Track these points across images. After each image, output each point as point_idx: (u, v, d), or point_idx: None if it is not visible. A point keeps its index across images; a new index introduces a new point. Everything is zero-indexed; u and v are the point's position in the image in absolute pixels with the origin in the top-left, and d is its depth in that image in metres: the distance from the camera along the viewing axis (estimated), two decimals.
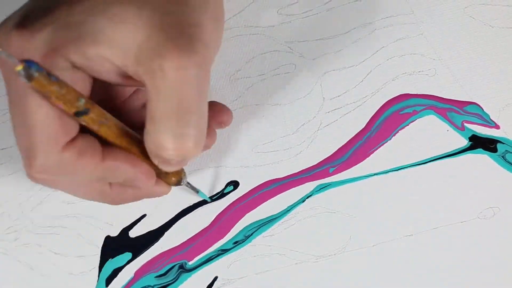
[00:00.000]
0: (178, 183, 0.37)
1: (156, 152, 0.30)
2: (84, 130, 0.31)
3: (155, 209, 0.42)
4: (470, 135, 0.42)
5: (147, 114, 0.29)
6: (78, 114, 0.29)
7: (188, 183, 0.39)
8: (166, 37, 0.28)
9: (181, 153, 0.30)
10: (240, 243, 0.42)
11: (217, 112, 0.37)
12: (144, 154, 0.32)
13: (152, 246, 0.42)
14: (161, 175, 0.35)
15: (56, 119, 0.29)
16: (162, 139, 0.29)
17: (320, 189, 0.42)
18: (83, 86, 0.30)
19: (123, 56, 0.28)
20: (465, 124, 0.42)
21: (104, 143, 0.32)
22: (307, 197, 0.42)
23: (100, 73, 0.29)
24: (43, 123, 0.29)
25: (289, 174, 0.42)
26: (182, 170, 0.37)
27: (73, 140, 0.30)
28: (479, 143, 0.42)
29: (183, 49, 0.28)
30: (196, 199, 0.42)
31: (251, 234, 0.42)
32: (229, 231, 0.42)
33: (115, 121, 0.31)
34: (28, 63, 0.26)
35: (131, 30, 0.28)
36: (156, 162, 0.32)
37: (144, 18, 0.28)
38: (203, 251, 0.42)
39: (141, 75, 0.28)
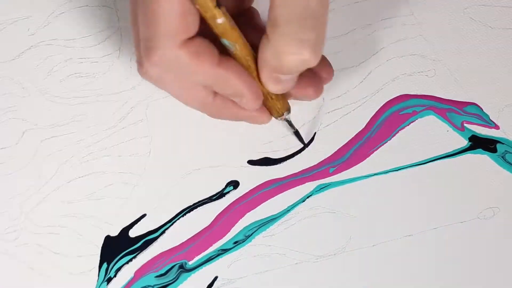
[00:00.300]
0: (280, 114, 0.37)
1: (275, 59, 0.31)
2: (204, 36, 0.31)
3: (155, 209, 0.42)
4: (470, 135, 0.42)
5: (268, 20, 0.30)
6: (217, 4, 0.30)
7: (288, 119, 0.39)
8: None
9: (301, 59, 0.30)
10: (240, 243, 0.42)
11: (323, 66, 0.38)
12: (258, 75, 0.33)
13: (152, 246, 0.42)
14: (267, 102, 0.36)
15: (179, 14, 0.30)
16: (284, 42, 0.30)
17: (320, 189, 0.42)
18: None
19: None
20: (465, 125, 0.42)
21: (223, 53, 0.32)
22: (307, 197, 0.42)
23: None
24: (168, 16, 0.29)
25: (289, 174, 0.42)
26: (288, 104, 0.37)
27: (191, 38, 0.31)
28: (479, 143, 0.42)
29: None
30: (196, 198, 0.42)
31: (251, 234, 0.42)
32: (229, 231, 0.42)
33: (239, 32, 0.32)
34: None
35: None
36: (268, 76, 0.32)
37: None
38: (203, 251, 0.42)
39: None
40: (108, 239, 0.41)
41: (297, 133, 0.41)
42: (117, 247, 0.41)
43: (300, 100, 0.39)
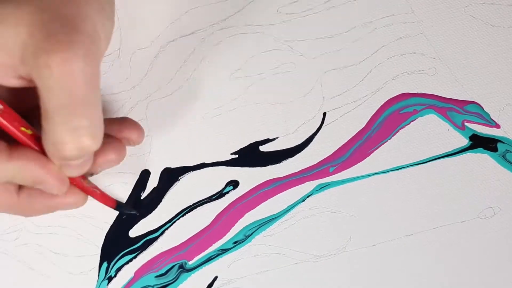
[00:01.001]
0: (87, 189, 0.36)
1: (55, 150, 0.30)
2: None
3: (155, 209, 0.42)
4: (470, 134, 0.42)
5: (41, 113, 0.29)
6: None
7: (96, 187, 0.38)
8: (47, 33, 0.27)
9: (79, 147, 0.29)
10: (240, 243, 0.42)
11: (127, 128, 0.37)
12: None
13: (152, 246, 0.42)
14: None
15: None
16: (58, 133, 0.29)
17: (320, 188, 0.42)
18: None
19: (10, 56, 0.28)
20: (466, 124, 0.42)
21: (13, 143, 0.31)
22: (307, 197, 0.42)
23: None
24: None
25: (289, 173, 0.42)
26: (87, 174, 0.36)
27: None
28: (479, 142, 0.42)
29: (65, 43, 0.27)
30: (196, 198, 0.42)
31: (251, 233, 0.42)
32: (229, 230, 0.42)
33: (22, 121, 0.31)
34: None
35: (11, 29, 0.28)
36: (58, 165, 0.31)
37: (25, 15, 0.28)
38: (203, 251, 0.42)
39: (29, 74, 0.28)
40: (108, 239, 0.42)
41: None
42: (117, 247, 0.41)
43: (107, 167, 0.36)
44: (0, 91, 0.31)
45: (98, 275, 0.41)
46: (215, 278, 0.42)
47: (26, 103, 0.33)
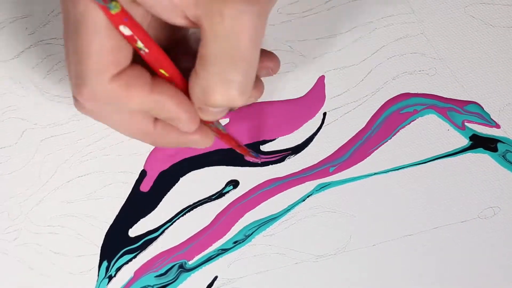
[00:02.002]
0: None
1: (202, 95, 0.31)
2: (136, 60, 0.31)
3: (154, 209, 0.42)
4: (470, 134, 0.42)
5: (198, 56, 0.30)
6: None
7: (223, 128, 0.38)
8: None
9: (227, 99, 0.30)
10: (240, 243, 0.42)
11: (265, 58, 0.37)
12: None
13: (152, 246, 0.42)
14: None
15: (109, 49, 0.29)
16: (211, 81, 0.30)
17: (320, 188, 0.42)
18: (141, 21, 0.30)
19: None
20: (466, 124, 0.42)
21: (155, 75, 0.32)
22: (307, 197, 0.42)
23: (158, 10, 0.29)
24: (97, 52, 0.29)
25: (289, 173, 0.42)
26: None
27: (123, 71, 0.30)
28: (479, 142, 0.42)
29: None
30: (196, 198, 0.42)
31: (251, 233, 0.42)
32: (229, 230, 0.42)
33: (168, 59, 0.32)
34: None
35: None
36: (197, 107, 0.32)
37: None
38: (203, 251, 0.42)
39: (199, 17, 0.28)
40: (107, 238, 0.42)
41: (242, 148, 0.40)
42: (117, 247, 0.41)
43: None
44: (155, 23, 0.32)
45: (98, 275, 0.41)
46: (215, 278, 0.42)
47: (169, 41, 0.34)
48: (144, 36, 0.30)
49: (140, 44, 0.30)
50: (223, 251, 0.42)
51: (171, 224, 0.42)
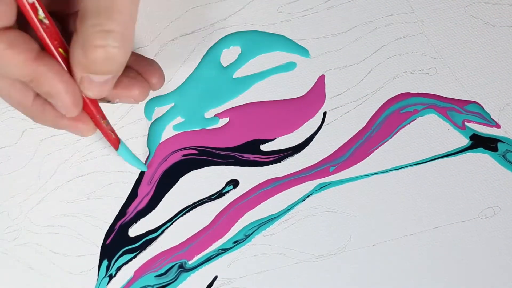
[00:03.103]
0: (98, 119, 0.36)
1: (83, 55, 0.30)
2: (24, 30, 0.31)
3: (154, 209, 0.42)
4: (470, 134, 0.42)
5: (78, 17, 0.30)
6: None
7: (108, 122, 0.37)
8: None
9: (107, 53, 0.30)
10: (240, 242, 0.42)
11: (150, 70, 0.37)
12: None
13: (152, 246, 0.42)
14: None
15: None
16: (90, 35, 0.29)
17: (320, 188, 0.42)
18: None
19: None
20: (466, 123, 0.42)
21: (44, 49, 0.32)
22: (307, 196, 0.42)
23: None
24: None
25: (289, 173, 0.42)
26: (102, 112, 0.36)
27: (6, 29, 0.30)
28: (479, 142, 0.42)
29: None
30: (196, 198, 0.42)
31: (251, 233, 0.42)
32: (229, 230, 0.42)
33: (62, 42, 0.32)
34: None
35: None
36: (80, 77, 0.32)
37: None
38: (203, 251, 0.42)
39: None
40: (107, 238, 0.42)
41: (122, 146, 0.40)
42: (116, 247, 0.41)
43: (125, 102, 0.37)
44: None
45: (98, 274, 0.41)
46: (215, 278, 0.42)
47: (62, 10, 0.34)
48: (43, 8, 0.30)
49: (41, 14, 0.30)
50: (223, 251, 0.42)
51: (171, 224, 0.42)
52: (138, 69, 0.37)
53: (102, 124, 0.36)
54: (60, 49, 0.32)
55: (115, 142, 0.38)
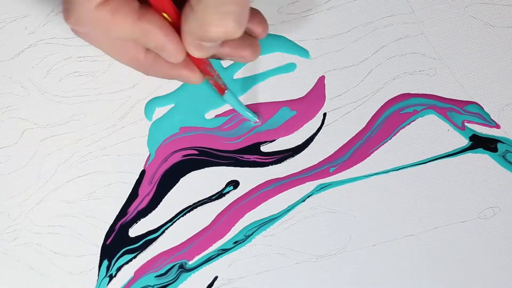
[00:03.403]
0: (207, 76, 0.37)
1: (199, 29, 0.31)
2: None
3: (154, 209, 0.42)
4: (470, 134, 0.42)
5: None
6: None
7: (219, 75, 0.39)
8: None
9: (224, 30, 0.31)
10: (240, 243, 0.42)
11: (256, 21, 0.37)
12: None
13: (152, 246, 0.42)
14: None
15: None
16: (208, 14, 0.30)
17: (321, 188, 0.42)
18: None
19: None
20: (466, 124, 0.42)
21: (144, 4, 0.33)
22: (307, 197, 0.42)
23: None
24: None
25: (289, 173, 0.42)
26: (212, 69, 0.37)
27: None
28: (479, 142, 0.42)
29: None
30: (196, 198, 0.42)
31: (251, 233, 0.42)
32: (229, 230, 0.42)
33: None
34: None
35: None
36: (191, 43, 0.33)
37: None
38: (203, 251, 0.42)
39: None
40: (108, 238, 0.41)
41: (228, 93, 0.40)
42: (117, 247, 0.41)
43: (236, 61, 0.38)
44: None
45: (98, 274, 0.41)
46: (215, 278, 0.41)
47: None
48: None
49: None
50: (223, 251, 0.42)
51: (171, 224, 0.42)
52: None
53: (209, 71, 0.37)
54: (164, 14, 0.33)
55: (221, 89, 0.39)
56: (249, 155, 0.42)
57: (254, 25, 0.37)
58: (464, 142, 0.42)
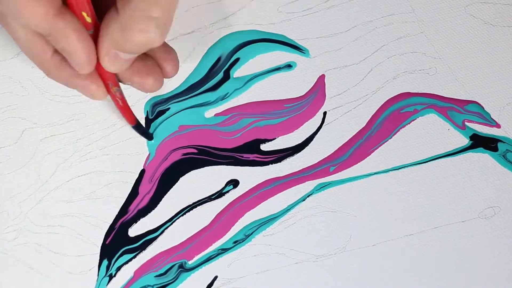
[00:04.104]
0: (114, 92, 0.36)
1: (118, 34, 0.31)
2: None
3: (154, 208, 0.42)
4: (471, 134, 0.42)
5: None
6: None
7: (121, 92, 0.37)
8: None
9: (145, 37, 0.30)
10: (240, 242, 0.42)
11: (167, 57, 0.37)
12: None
13: (152, 246, 0.42)
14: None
15: None
16: (132, 18, 0.30)
17: (321, 188, 0.42)
18: None
19: None
20: (466, 123, 0.42)
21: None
22: (308, 196, 0.42)
23: None
24: None
25: (289, 173, 0.42)
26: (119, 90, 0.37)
27: None
28: (480, 142, 0.42)
29: None
30: (196, 198, 0.42)
31: (251, 233, 0.42)
32: (229, 230, 0.42)
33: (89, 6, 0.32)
34: None
35: None
36: (107, 52, 0.32)
37: None
38: (203, 251, 0.42)
39: None
40: (107, 238, 0.42)
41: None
42: (116, 247, 0.41)
43: (136, 88, 0.37)
44: None
45: (98, 274, 0.41)
46: (215, 278, 0.42)
47: None
48: None
49: None
50: (223, 251, 0.42)
51: (171, 224, 0.42)
52: (154, 55, 0.37)
53: (112, 90, 0.36)
54: (83, 13, 0.32)
55: (131, 117, 0.39)
56: (249, 154, 0.42)
57: (166, 62, 0.37)
58: (465, 141, 0.42)
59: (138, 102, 0.42)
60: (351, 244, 0.42)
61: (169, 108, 0.42)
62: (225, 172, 0.42)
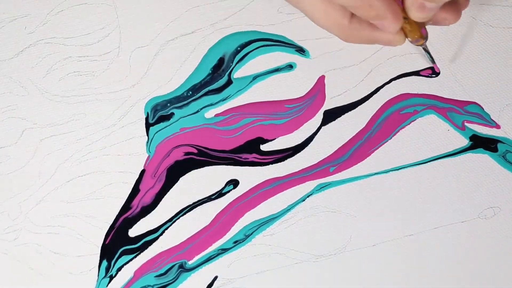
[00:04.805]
0: (418, 39, 0.37)
1: None
2: None
3: (154, 208, 0.42)
4: (470, 134, 0.42)
5: None
6: None
7: (426, 46, 0.39)
8: None
9: None
10: (240, 242, 0.42)
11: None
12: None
13: (152, 246, 0.42)
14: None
15: None
16: None
17: (321, 188, 0.42)
18: None
19: None
20: (466, 124, 0.42)
21: None
22: (307, 196, 0.42)
23: None
24: None
25: (289, 173, 0.42)
26: (426, 31, 0.37)
27: None
28: (479, 142, 0.42)
29: None
30: (196, 198, 0.42)
31: (251, 233, 0.42)
32: (229, 230, 0.42)
33: None
34: None
35: None
36: (413, 2, 0.33)
37: None
38: (203, 251, 0.42)
39: None
40: (107, 238, 0.41)
41: (431, 57, 0.41)
42: (116, 247, 0.41)
43: (438, 25, 0.38)
44: None
45: (98, 274, 0.41)
46: (215, 278, 0.41)
47: None
48: None
49: None
50: (223, 251, 0.42)
51: (171, 224, 0.42)
52: None
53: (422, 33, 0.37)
54: None
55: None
56: (247, 154, 0.42)
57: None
58: (464, 142, 0.42)
59: (138, 102, 0.42)
60: (351, 244, 0.42)
61: (171, 114, 0.42)
62: (225, 172, 0.42)
